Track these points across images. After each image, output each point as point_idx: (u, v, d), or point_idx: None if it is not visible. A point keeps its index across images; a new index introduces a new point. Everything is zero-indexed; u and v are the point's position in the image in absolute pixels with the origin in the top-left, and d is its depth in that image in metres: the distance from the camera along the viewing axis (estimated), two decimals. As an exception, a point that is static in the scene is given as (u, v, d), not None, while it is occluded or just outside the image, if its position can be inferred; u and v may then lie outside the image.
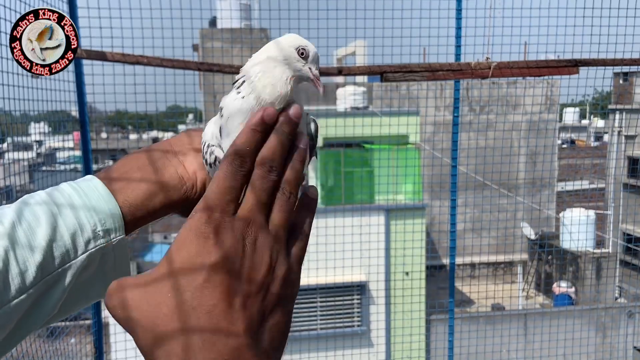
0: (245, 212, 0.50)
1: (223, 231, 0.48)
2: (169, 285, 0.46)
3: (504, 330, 6.65)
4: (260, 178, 0.51)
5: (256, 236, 0.50)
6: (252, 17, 12.98)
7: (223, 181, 0.50)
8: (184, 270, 0.47)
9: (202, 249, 0.48)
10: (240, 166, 0.51)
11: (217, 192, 0.50)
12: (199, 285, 0.46)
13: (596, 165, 14.14)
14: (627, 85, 10.90)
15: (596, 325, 8.35)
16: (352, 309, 8.91)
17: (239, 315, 0.47)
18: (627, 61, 3.97)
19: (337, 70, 3.60)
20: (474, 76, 3.63)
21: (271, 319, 0.50)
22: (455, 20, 4.32)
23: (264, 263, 0.50)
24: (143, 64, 3.30)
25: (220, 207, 0.49)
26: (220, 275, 0.47)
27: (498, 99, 11.31)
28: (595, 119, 19.92)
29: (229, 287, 0.47)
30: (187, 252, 0.48)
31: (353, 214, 8.24)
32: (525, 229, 12.46)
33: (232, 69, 3.33)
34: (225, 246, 0.48)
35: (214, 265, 0.47)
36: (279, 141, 0.53)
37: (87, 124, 3.94)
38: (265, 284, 0.50)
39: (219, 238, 0.48)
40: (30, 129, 4.88)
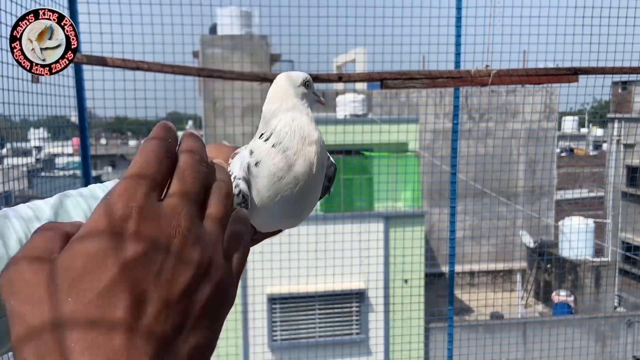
0: (174, 199, 0.39)
1: (146, 218, 0.37)
2: (67, 282, 0.34)
3: (503, 338, 6.62)
4: (190, 166, 0.41)
5: (187, 229, 0.38)
6: (252, 24, 13.03)
7: (153, 155, 0.40)
8: (89, 267, 0.35)
9: (116, 239, 0.36)
10: (167, 150, 0.41)
11: (145, 165, 0.39)
12: (104, 288, 0.34)
13: (595, 174, 14.16)
14: (626, 93, 10.94)
15: (595, 334, 8.33)
16: (351, 316, 8.88)
17: (148, 330, 0.35)
18: (626, 69, 3.98)
19: (337, 77, 3.60)
20: (473, 84, 3.64)
21: (191, 338, 0.37)
22: (455, 28, 4.34)
23: (192, 264, 0.38)
24: (143, 70, 3.30)
25: (145, 186, 0.38)
26: (133, 275, 0.35)
27: (497, 107, 11.33)
28: (594, 128, 19.98)
29: (142, 292, 0.35)
30: (97, 240, 0.36)
31: (352, 221, 8.23)
32: (525, 237, 12.45)
33: (232, 74, 3.34)
34: (147, 237, 0.36)
35: (129, 262, 0.35)
36: None
37: (87, 130, 3.93)
38: (190, 291, 0.38)
39: (140, 226, 0.37)
40: (30, 134, 4.88)
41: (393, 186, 8.72)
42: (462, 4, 4.25)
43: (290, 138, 0.69)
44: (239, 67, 8.93)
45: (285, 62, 11.50)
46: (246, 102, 6.41)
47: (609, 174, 11.52)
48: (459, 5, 4.24)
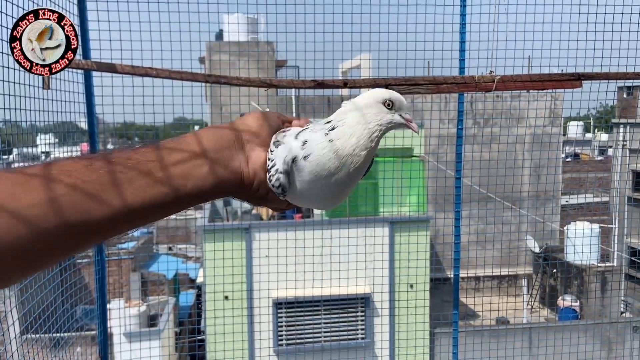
0: None
1: None
2: None
3: (508, 343, 6.62)
4: None
5: None
6: (258, 31, 13.11)
7: None
8: None
9: None
10: None
11: None
12: None
13: (600, 179, 14.13)
14: (631, 99, 10.93)
15: (601, 339, 8.29)
16: (356, 321, 8.89)
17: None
18: (630, 75, 4.00)
19: (343, 83, 3.64)
20: (478, 89, 3.67)
21: None
22: (459, 34, 4.37)
23: None
24: (152, 76, 3.35)
25: None
26: None
27: (502, 112, 11.35)
28: (599, 133, 19.92)
29: None
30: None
31: (357, 226, 8.26)
32: (530, 242, 12.44)
33: (239, 80, 3.38)
34: None
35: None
36: None
37: (96, 135, 3.99)
38: None
39: None
40: (38, 140, 4.93)
41: (398, 191, 8.74)
42: (466, 11, 4.28)
43: (347, 140, 0.72)
44: (245, 72, 9.00)
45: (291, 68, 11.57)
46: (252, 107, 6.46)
47: (615, 179, 11.50)
48: (464, 12, 4.28)
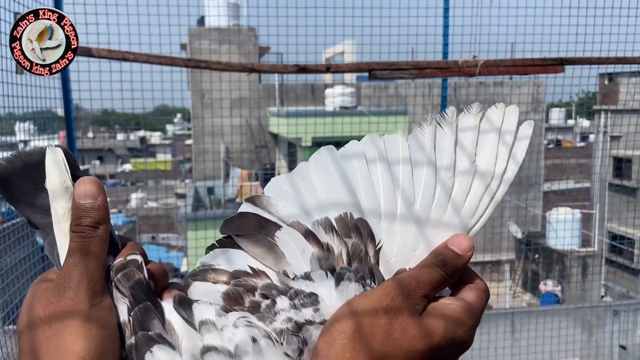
0: None
1: None
2: None
3: (491, 328, 6.68)
4: None
5: None
6: (240, 16, 12.95)
7: None
8: None
9: None
10: None
11: None
12: None
13: (582, 165, 14.29)
14: (612, 85, 11.03)
15: (582, 323, 8.41)
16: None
17: None
18: (612, 60, 4.01)
19: (326, 68, 3.59)
20: (461, 74, 3.65)
21: None
22: (442, 19, 4.34)
23: None
24: (130, 61, 3.27)
25: None
26: None
27: (485, 98, 11.37)
28: (581, 120, 20.13)
29: None
30: None
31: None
32: (512, 227, 12.56)
33: (219, 65, 3.32)
34: None
35: None
36: None
37: (73, 122, 3.90)
38: None
39: None
40: (16, 127, 4.83)
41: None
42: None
43: None
44: (227, 58, 8.89)
45: (274, 55, 11.45)
46: (234, 94, 6.38)
47: (596, 164, 11.63)
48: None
